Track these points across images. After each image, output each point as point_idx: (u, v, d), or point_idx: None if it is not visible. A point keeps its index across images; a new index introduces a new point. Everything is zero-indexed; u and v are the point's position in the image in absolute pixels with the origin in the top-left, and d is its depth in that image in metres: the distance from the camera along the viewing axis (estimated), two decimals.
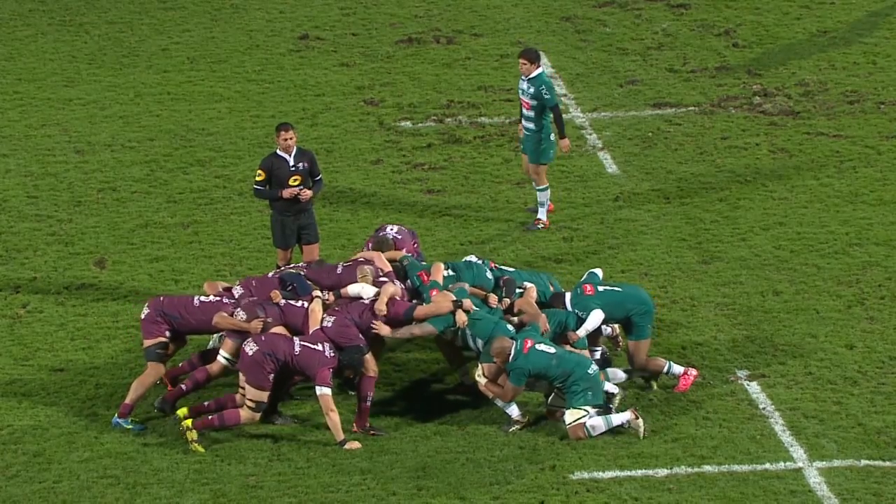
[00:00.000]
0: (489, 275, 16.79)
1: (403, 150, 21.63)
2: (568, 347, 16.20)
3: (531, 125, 19.30)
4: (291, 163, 17.58)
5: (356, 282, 16.53)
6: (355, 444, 15.63)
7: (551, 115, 19.26)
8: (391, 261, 16.90)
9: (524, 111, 19.37)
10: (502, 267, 17.12)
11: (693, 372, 16.55)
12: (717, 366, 16.91)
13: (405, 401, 16.47)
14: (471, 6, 25.50)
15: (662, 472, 15.40)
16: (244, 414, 15.61)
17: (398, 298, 16.24)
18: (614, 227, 19.74)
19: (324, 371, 15.63)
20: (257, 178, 17.68)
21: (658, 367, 16.54)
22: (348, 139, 21.89)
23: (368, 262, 16.74)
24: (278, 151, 17.64)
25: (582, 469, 15.40)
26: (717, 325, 17.63)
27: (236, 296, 16.41)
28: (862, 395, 16.44)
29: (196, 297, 16.26)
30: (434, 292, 16.43)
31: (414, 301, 16.38)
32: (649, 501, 15.02)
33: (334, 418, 15.59)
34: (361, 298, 16.24)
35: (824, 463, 15.51)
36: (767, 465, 15.48)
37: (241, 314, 16.04)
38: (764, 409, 16.28)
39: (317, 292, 16.31)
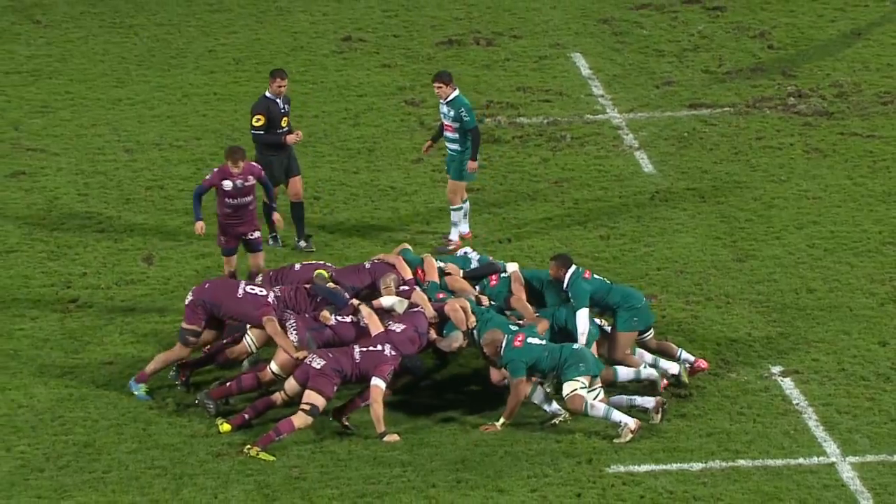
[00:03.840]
0: (475, 265, 16.98)
1: (443, 149, 21.61)
2: None
3: (456, 146, 18.92)
4: (281, 106, 18.70)
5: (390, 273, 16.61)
6: (394, 437, 15.64)
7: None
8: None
9: (446, 133, 18.95)
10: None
11: (703, 364, 16.54)
12: (751, 362, 16.85)
13: (444, 395, 16.46)
14: (510, 8, 25.48)
15: (697, 465, 15.35)
16: (297, 420, 15.62)
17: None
18: (650, 225, 19.68)
19: (384, 367, 15.71)
20: (257, 123, 18.68)
21: (672, 351, 16.54)
22: (389, 138, 21.91)
23: (391, 265, 16.78)
24: (268, 94, 18.69)
25: (618, 463, 15.36)
26: (751, 322, 17.56)
27: (275, 292, 16.44)
28: (895, 391, 16.34)
29: (241, 287, 16.31)
30: (440, 295, 16.52)
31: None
32: (684, 495, 14.96)
33: (378, 410, 15.62)
34: (395, 310, 16.28)
35: (857, 458, 15.43)
36: (801, 460, 15.41)
37: (293, 336, 16.06)
38: (797, 404, 16.21)
39: (354, 301, 16.36)
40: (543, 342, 15.89)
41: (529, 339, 15.82)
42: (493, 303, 16.69)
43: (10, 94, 23.13)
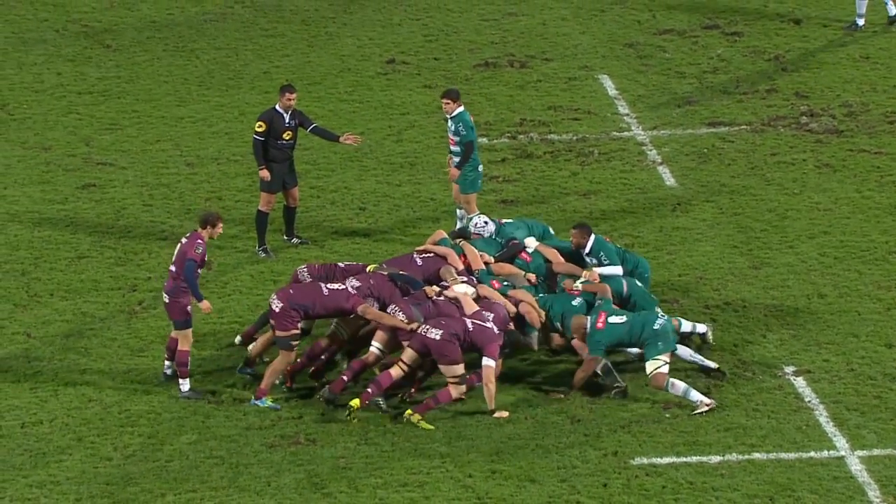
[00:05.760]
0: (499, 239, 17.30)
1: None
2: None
3: (459, 158, 18.91)
4: (286, 119, 18.72)
5: (440, 274, 16.56)
6: (504, 413, 15.72)
7: (477, 149, 18.78)
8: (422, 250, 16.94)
9: (451, 147, 18.98)
10: (503, 220, 17.62)
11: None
12: (766, 362, 16.78)
13: (480, 392, 16.43)
14: (542, 33, 25.46)
15: (715, 458, 15.30)
16: (454, 391, 15.65)
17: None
18: (672, 234, 19.63)
19: (493, 346, 15.78)
20: (258, 129, 18.76)
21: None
22: (430, 154, 21.92)
23: (442, 257, 16.77)
24: (277, 108, 18.77)
25: (642, 455, 15.32)
26: (766, 325, 17.49)
27: (354, 283, 16.20)
28: None
29: (323, 286, 16.13)
30: (494, 284, 16.58)
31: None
32: (703, 485, 14.92)
33: (491, 389, 15.73)
34: (467, 295, 16.30)
35: (865, 452, 15.35)
36: (812, 454, 15.34)
37: (400, 315, 15.92)
38: (809, 401, 16.14)
39: (451, 270, 16.36)
40: (623, 318, 16.00)
41: (610, 319, 15.95)
42: (540, 279, 16.76)
43: (82, 112, 23.26)
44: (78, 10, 26.32)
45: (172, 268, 16.24)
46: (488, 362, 15.67)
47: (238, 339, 16.85)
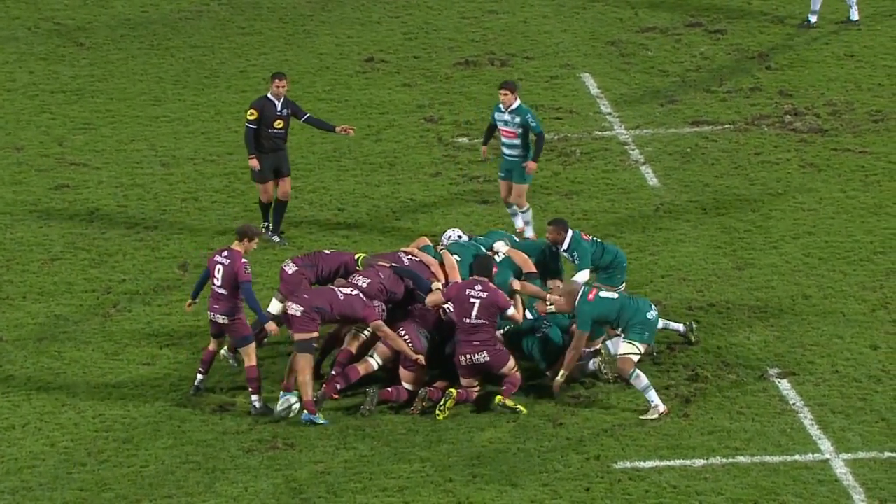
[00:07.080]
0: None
1: (460, 163, 21.61)
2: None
3: (517, 151, 18.80)
4: (278, 108, 18.80)
5: (429, 278, 16.60)
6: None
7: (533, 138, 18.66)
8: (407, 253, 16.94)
9: (505, 139, 18.79)
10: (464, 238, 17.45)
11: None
12: (750, 364, 16.81)
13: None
14: (523, 31, 25.47)
15: (699, 462, 15.31)
16: (518, 376, 16.00)
17: None
18: (655, 235, 19.65)
19: (504, 298, 16.02)
20: (250, 117, 18.83)
21: None
22: (410, 154, 21.90)
23: (427, 266, 16.75)
24: (269, 96, 18.84)
25: (624, 459, 15.33)
26: (750, 327, 17.51)
27: (363, 283, 16.20)
28: (885, 392, 16.29)
29: (338, 291, 16.10)
30: None
31: None
32: (687, 489, 14.92)
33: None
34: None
35: (850, 455, 15.37)
36: (797, 457, 15.37)
37: (410, 343, 15.99)
38: (794, 404, 16.16)
39: (437, 284, 16.35)
40: (616, 296, 16.05)
41: (602, 294, 16.03)
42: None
43: (55, 111, 23.18)
44: (50, 7, 26.23)
45: (221, 290, 15.97)
46: (513, 311, 16.03)
47: (224, 351, 16.73)
